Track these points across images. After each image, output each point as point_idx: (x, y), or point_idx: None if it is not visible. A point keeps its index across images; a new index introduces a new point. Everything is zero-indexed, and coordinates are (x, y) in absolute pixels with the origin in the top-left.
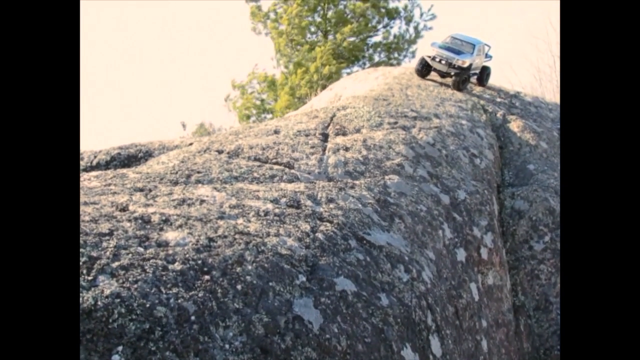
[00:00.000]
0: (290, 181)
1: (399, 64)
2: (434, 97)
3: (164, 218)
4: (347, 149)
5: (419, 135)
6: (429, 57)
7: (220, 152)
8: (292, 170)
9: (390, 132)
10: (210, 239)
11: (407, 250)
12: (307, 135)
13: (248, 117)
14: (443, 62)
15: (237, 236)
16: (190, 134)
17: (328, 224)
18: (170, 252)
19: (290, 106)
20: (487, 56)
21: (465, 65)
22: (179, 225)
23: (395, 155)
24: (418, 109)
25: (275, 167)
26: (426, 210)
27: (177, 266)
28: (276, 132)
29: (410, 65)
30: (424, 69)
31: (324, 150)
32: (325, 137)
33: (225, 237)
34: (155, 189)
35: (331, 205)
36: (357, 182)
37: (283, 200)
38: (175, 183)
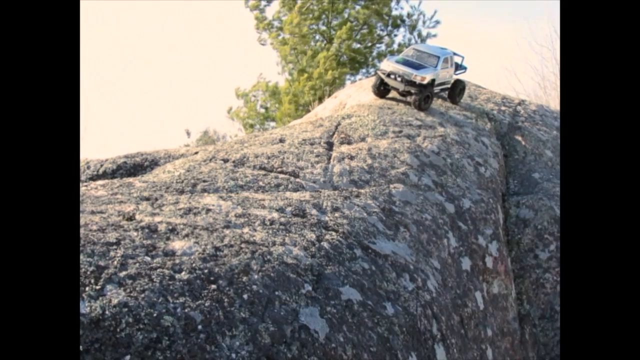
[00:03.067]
0: (295, 190)
1: None
2: (438, 105)
3: (170, 227)
4: (352, 158)
5: (424, 144)
6: (384, 73)
7: (225, 160)
8: (298, 179)
9: (395, 140)
10: (217, 248)
11: (412, 259)
12: (312, 144)
13: (252, 125)
14: (399, 79)
15: (243, 245)
16: (194, 141)
17: (333, 233)
18: (177, 261)
19: (292, 114)
20: (461, 67)
21: (426, 81)
22: (185, 234)
23: (400, 164)
24: (423, 118)
25: (281, 175)
26: (431, 219)
27: (184, 275)
28: (281, 140)
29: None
30: (382, 87)
31: (329, 159)
32: (330, 146)
33: (232, 246)
34: (161, 198)
35: (336, 214)
36: (362, 190)
37: (288, 209)
38: (181, 192)
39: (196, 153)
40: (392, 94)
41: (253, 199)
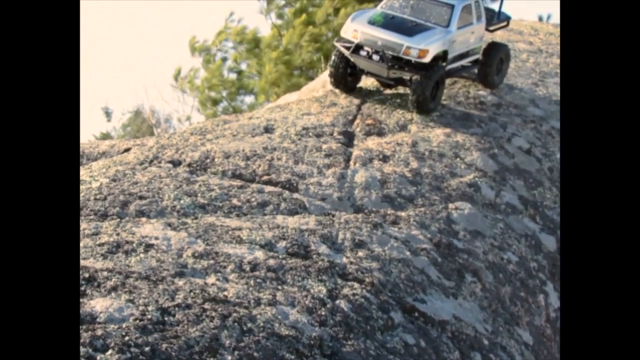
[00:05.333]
0: (292, 212)
1: None
2: (528, 70)
3: (86, 275)
4: (385, 159)
5: (505, 135)
6: (347, 46)
7: (176, 163)
8: (296, 195)
9: (457, 129)
10: (165, 311)
11: (486, 329)
12: (318, 136)
13: (215, 102)
14: (377, 56)
15: (207, 305)
16: (119, 128)
17: (356, 285)
18: (99, 332)
19: (283, 83)
20: (499, 17)
21: (428, 57)
22: (111, 287)
23: (465, 168)
24: (502, 91)
25: (268, 188)
26: (517, 262)
27: (111, 356)
28: (268, 130)
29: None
30: (347, 70)
31: (347, 160)
32: (349, 139)
33: (189, 307)
34: None
35: (360, 253)
36: (402, 213)
37: (281, 244)
38: (104, 216)
39: (127, 150)
40: (366, 81)
41: (222, 228)
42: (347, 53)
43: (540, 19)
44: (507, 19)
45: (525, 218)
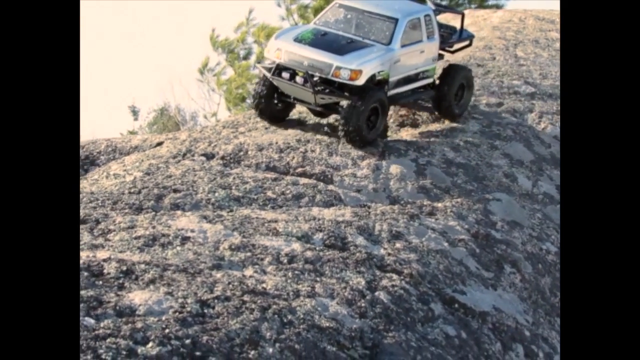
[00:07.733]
0: (327, 204)
1: (497, 6)
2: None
3: (124, 268)
4: (419, 150)
5: (541, 125)
6: (269, 68)
7: (209, 156)
8: (330, 187)
9: (491, 119)
10: (204, 303)
11: (526, 320)
12: None
13: (243, 99)
14: (301, 79)
15: (246, 297)
16: (145, 126)
17: (394, 276)
18: (139, 325)
19: None
20: (461, 35)
21: (360, 79)
22: (149, 280)
23: (501, 158)
24: (537, 80)
25: (303, 180)
26: (556, 252)
27: (152, 349)
28: (301, 122)
29: (518, 6)
30: (272, 99)
31: (381, 152)
32: (383, 130)
33: (228, 299)
34: (106, 219)
35: (398, 245)
36: (439, 204)
37: (318, 236)
38: (139, 209)
39: (159, 144)
40: (300, 110)
41: (258, 220)
42: (268, 75)
43: None
44: (470, 37)
45: None
